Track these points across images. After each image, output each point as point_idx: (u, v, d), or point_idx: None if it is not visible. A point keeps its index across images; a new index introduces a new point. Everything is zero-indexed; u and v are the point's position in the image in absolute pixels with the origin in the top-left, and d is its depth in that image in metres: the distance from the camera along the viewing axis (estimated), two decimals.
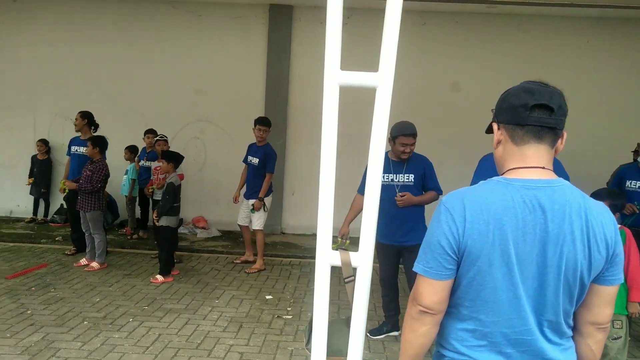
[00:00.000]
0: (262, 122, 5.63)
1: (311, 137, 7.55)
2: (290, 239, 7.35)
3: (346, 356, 1.48)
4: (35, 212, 7.79)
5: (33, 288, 4.77)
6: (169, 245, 5.32)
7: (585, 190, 1.38)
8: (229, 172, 7.49)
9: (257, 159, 5.59)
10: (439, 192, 3.78)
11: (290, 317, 4.36)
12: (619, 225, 2.09)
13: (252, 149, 5.76)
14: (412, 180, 3.75)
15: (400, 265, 3.98)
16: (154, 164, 6.32)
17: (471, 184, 2.18)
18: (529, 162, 1.30)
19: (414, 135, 3.66)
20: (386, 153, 3.79)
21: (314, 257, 5.60)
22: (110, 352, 3.51)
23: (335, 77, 1.39)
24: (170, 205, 5.15)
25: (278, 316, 4.36)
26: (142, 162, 6.80)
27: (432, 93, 7.25)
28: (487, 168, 2.12)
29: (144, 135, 6.75)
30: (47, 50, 7.74)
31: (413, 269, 1.34)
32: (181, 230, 6.91)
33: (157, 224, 5.21)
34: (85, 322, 4.01)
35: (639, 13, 6.92)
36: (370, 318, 4.15)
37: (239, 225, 5.86)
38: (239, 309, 4.48)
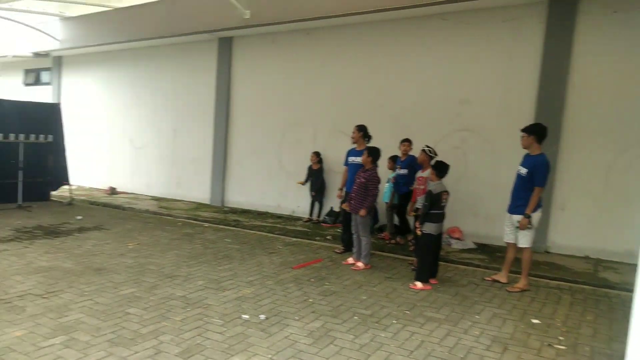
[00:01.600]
0: (523, 129, 5.29)
1: (592, 145, 6.71)
2: (556, 260, 6.66)
3: None
4: (311, 213, 9.09)
5: (312, 279, 5.43)
6: (425, 252, 5.39)
7: None
8: (491, 184, 7.30)
9: (526, 169, 5.19)
10: None
11: (563, 347, 3.88)
12: None
13: (523, 158, 5.40)
14: None
15: None
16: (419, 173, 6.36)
17: None
18: None
19: None
20: None
21: (588, 284, 5.15)
22: (377, 350, 3.68)
23: None
24: (427, 212, 5.24)
25: (549, 344, 3.92)
26: (396, 170, 7.19)
27: None
28: None
29: (400, 143, 7.14)
30: (327, 73, 9.01)
31: None
32: None
33: (418, 232, 5.37)
34: (355, 317, 4.34)
35: None
36: None
37: (505, 242, 5.56)
38: (501, 328, 4.24)
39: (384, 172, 7.30)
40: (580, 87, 6.80)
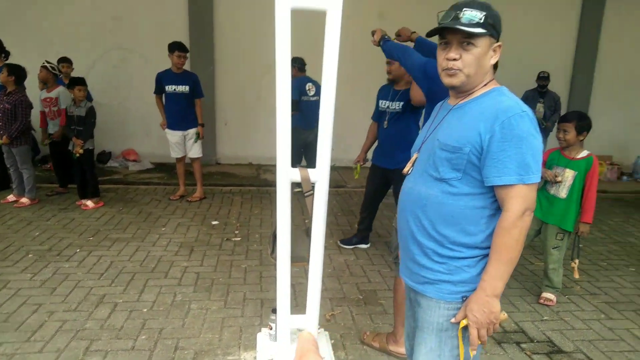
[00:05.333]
0: (182, 48, 5.42)
1: (241, 65, 7.39)
2: (226, 169, 7.48)
3: (308, 262, 1.61)
4: None
5: None
6: (94, 168, 5.39)
7: None
8: (150, 103, 6.57)
9: (187, 87, 5.49)
10: None
11: (239, 239, 4.60)
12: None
13: (171, 78, 5.45)
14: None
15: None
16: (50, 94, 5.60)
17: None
18: None
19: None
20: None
21: (253, 185, 6.70)
22: (64, 281, 3.54)
23: None
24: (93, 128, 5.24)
25: (227, 239, 4.58)
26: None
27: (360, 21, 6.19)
28: None
29: (58, 64, 6.09)
30: None
31: (524, 182, 1.36)
32: (111, 163, 7.27)
33: (80, 151, 5.10)
34: (30, 255, 3.99)
35: None
36: (345, 233, 4.69)
37: (176, 158, 5.77)
38: (187, 234, 4.64)
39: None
40: (225, 9, 7.29)
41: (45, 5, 7.16)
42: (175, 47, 5.38)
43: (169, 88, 5.45)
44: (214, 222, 5.05)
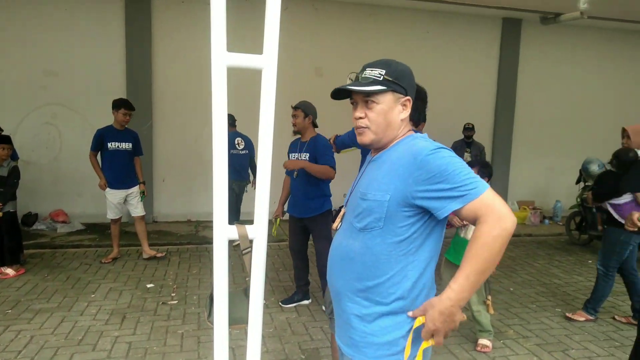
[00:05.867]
0: (128, 106, 5.37)
1: (179, 121, 7.47)
2: (163, 227, 7.24)
3: (247, 323, 1.57)
4: None
5: None
6: (17, 231, 5.13)
7: None
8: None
9: (130, 144, 5.41)
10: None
11: (175, 302, 4.38)
12: None
13: (114, 135, 5.33)
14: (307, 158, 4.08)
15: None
16: None
17: None
18: None
19: (295, 107, 4.13)
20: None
21: (191, 243, 6.30)
22: None
23: (222, 58, 1.39)
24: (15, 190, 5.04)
25: (163, 302, 4.34)
26: None
27: (298, 77, 7.34)
28: None
29: None
30: None
31: (483, 189, 1.35)
32: (38, 226, 6.87)
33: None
34: None
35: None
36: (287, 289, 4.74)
37: (112, 220, 5.54)
38: (119, 300, 4.38)
39: None
40: (162, 67, 7.35)
41: None
42: (122, 105, 5.33)
43: (112, 145, 5.31)
44: (149, 285, 4.81)
